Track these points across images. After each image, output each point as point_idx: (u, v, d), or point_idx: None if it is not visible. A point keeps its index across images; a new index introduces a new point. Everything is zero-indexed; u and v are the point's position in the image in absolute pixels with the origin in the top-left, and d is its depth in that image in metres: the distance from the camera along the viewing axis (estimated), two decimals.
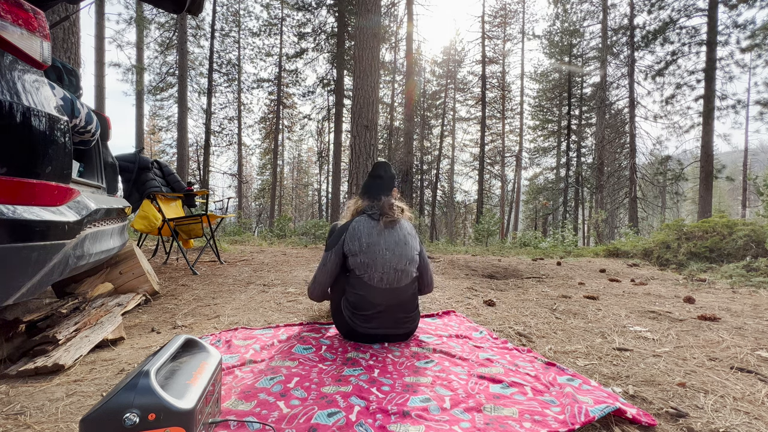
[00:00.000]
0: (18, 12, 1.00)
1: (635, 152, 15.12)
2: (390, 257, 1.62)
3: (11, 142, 0.97)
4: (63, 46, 3.61)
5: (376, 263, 1.60)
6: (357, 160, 5.66)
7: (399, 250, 1.64)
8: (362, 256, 1.61)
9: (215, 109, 19.36)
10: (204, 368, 0.94)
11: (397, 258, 1.62)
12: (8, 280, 0.96)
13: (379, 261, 1.60)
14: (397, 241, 1.66)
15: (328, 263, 1.68)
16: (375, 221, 1.67)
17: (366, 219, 1.69)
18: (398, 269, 1.62)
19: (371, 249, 1.61)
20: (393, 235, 1.66)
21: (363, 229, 1.65)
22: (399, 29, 16.07)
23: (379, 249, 1.61)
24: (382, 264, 1.60)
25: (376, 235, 1.64)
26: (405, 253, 1.65)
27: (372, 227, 1.66)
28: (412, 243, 1.70)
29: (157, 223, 3.40)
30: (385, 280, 1.60)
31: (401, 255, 1.64)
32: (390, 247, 1.63)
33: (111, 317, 1.75)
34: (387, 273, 1.60)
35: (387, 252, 1.62)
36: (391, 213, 1.70)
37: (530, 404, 1.13)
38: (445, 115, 24.25)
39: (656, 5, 13.32)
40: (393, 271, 1.61)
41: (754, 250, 4.62)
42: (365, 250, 1.61)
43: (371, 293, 1.60)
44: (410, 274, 1.66)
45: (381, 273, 1.60)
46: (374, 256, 1.60)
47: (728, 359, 1.55)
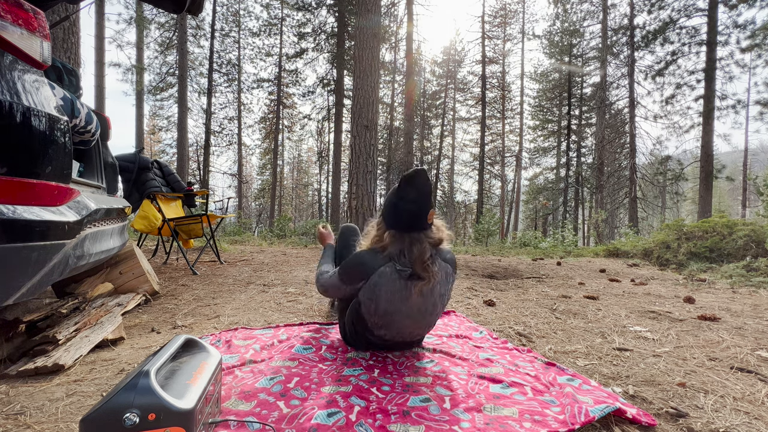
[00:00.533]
0: (18, 12, 1.00)
1: (635, 152, 15.12)
2: (410, 325, 1.39)
3: (11, 142, 0.97)
4: (63, 46, 3.61)
5: (391, 327, 1.38)
6: (357, 160, 5.66)
7: (423, 320, 1.39)
8: (377, 318, 1.37)
9: (215, 109, 19.37)
10: (204, 368, 0.94)
11: (419, 326, 1.41)
12: (8, 280, 0.96)
13: (394, 328, 1.38)
14: (424, 310, 1.36)
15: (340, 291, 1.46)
16: (402, 281, 1.30)
17: (391, 274, 1.30)
18: (415, 333, 1.45)
19: (388, 316, 1.35)
20: (423, 298, 1.33)
21: (383, 293, 1.31)
22: (399, 29, 16.07)
23: (399, 317, 1.35)
24: (398, 329, 1.39)
25: (398, 301, 1.32)
26: (429, 321, 1.42)
27: (395, 291, 1.30)
28: (441, 305, 1.40)
29: (157, 223, 3.40)
30: (398, 338, 1.44)
31: (426, 324, 1.42)
32: (413, 315, 1.36)
33: (111, 317, 1.75)
34: (402, 335, 1.42)
35: (408, 320, 1.37)
36: (426, 273, 1.30)
37: (530, 404, 1.13)
38: (445, 115, 24.26)
39: (656, 5, 13.32)
40: (409, 334, 1.44)
41: (754, 250, 4.62)
42: (381, 315, 1.35)
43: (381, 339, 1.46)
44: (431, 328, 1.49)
45: (395, 335, 1.42)
46: (390, 321, 1.36)
47: (728, 359, 1.55)
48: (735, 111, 12.39)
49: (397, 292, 1.30)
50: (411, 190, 1.30)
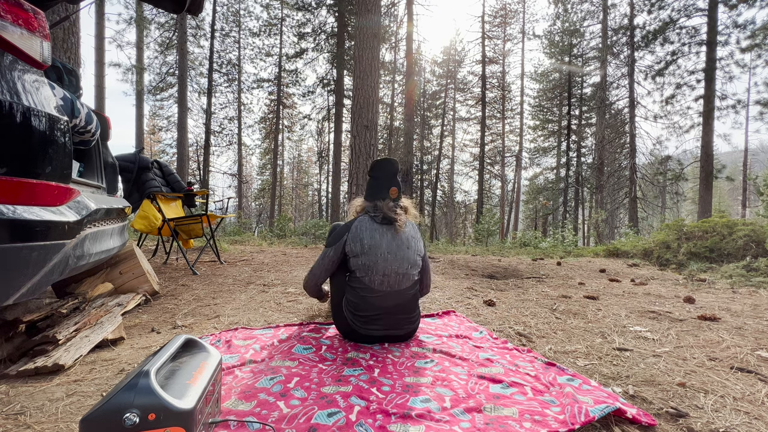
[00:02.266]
0: (18, 12, 1.00)
1: (635, 152, 15.12)
2: (392, 260, 1.59)
3: (11, 142, 0.97)
4: (63, 46, 3.61)
5: (377, 266, 1.58)
6: (357, 160, 5.66)
7: (401, 253, 1.62)
8: (363, 257, 1.59)
9: (215, 109, 19.37)
10: (204, 368, 0.94)
11: (398, 261, 1.60)
12: (8, 280, 0.96)
13: (380, 264, 1.58)
14: (400, 244, 1.63)
15: (326, 259, 1.68)
16: (377, 223, 1.65)
17: (368, 220, 1.67)
18: (399, 272, 1.60)
19: (372, 251, 1.59)
20: (395, 237, 1.64)
21: (365, 230, 1.63)
22: (399, 29, 16.07)
23: (381, 252, 1.59)
24: (383, 267, 1.58)
25: (378, 237, 1.62)
26: (407, 256, 1.63)
27: (374, 229, 1.64)
28: (414, 246, 1.67)
29: (157, 223, 3.40)
30: (386, 283, 1.59)
31: (403, 258, 1.62)
32: (392, 250, 1.61)
33: (111, 317, 1.75)
34: (388, 276, 1.59)
35: (389, 255, 1.60)
36: (392, 215, 1.66)
37: (530, 404, 1.13)
38: (445, 115, 24.26)
39: (656, 5, 13.32)
40: (394, 274, 1.59)
41: (754, 250, 4.62)
42: (366, 251, 1.59)
43: (372, 295, 1.58)
44: (411, 277, 1.64)
45: (382, 276, 1.58)
46: (375, 258, 1.58)
47: (728, 359, 1.55)
48: (735, 111, 12.38)
49: (375, 229, 1.64)
50: (376, 168, 1.76)
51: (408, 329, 1.68)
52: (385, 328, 1.61)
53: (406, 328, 1.67)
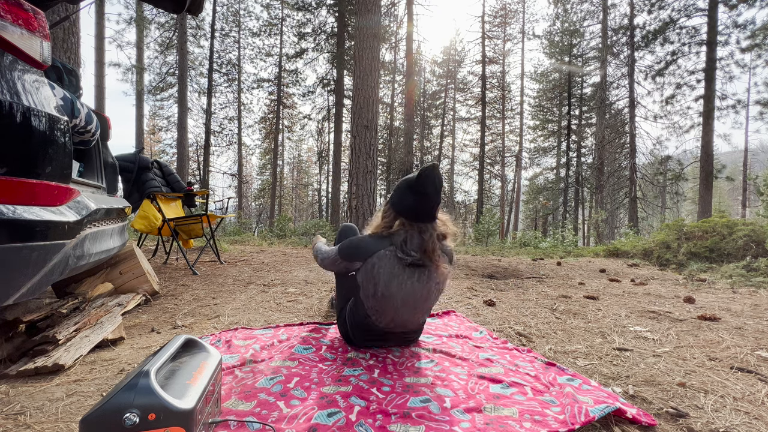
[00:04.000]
0: (18, 12, 1.00)
1: (635, 152, 15.12)
2: (405, 311, 1.42)
3: (11, 142, 0.97)
4: (63, 46, 3.61)
5: (386, 312, 1.41)
6: (357, 160, 5.66)
7: (419, 305, 1.42)
8: (373, 300, 1.41)
9: (215, 109, 19.37)
10: (204, 368, 0.94)
11: (412, 312, 1.43)
12: (8, 280, 0.96)
13: (389, 312, 1.41)
14: (420, 294, 1.39)
15: (336, 263, 1.50)
16: (401, 266, 1.36)
17: (391, 259, 1.36)
18: (412, 321, 1.47)
19: (385, 299, 1.38)
20: (417, 287, 1.37)
21: (382, 274, 1.35)
22: (399, 29, 16.07)
23: (395, 302, 1.38)
24: (393, 315, 1.42)
25: (395, 287, 1.35)
26: (424, 307, 1.45)
27: (394, 275, 1.35)
28: (435, 293, 1.44)
29: (157, 223, 3.40)
30: (392, 325, 1.47)
31: (418, 309, 1.44)
32: (409, 301, 1.39)
33: (111, 317, 1.75)
34: (396, 322, 1.45)
35: (403, 307, 1.40)
36: (430, 262, 1.36)
37: (530, 404, 1.13)
38: (445, 115, 24.26)
39: (656, 5, 13.32)
40: (403, 321, 1.46)
41: (754, 250, 4.62)
42: (378, 297, 1.39)
43: (377, 327, 1.48)
44: (423, 319, 1.53)
45: (390, 320, 1.44)
46: (385, 306, 1.40)
47: (728, 359, 1.55)
48: (735, 111, 12.39)
49: (395, 276, 1.35)
50: (427, 182, 1.35)
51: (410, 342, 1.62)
52: (386, 345, 1.57)
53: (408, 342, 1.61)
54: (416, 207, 1.37)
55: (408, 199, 1.38)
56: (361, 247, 1.42)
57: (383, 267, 1.35)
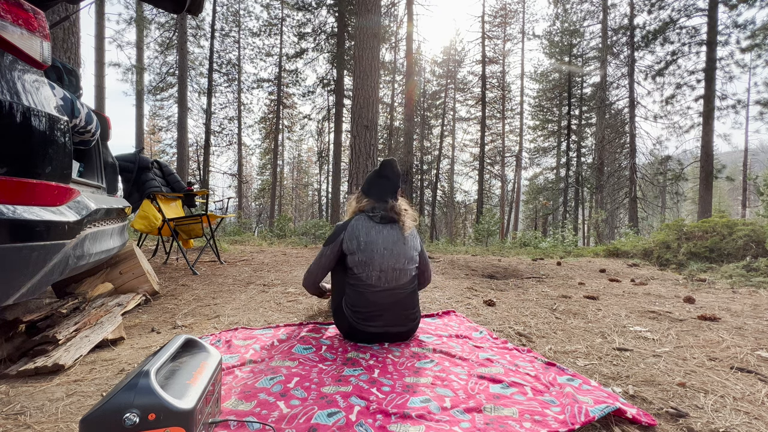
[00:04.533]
0: (18, 12, 1.00)
1: (635, 152, 15.12)
2: (388, 256, 1.61)
3: (11, 142, 0.97)
4: (63, 46, 3.61)
5: (374, 262, 1.59)
6: (357, 160, 5.66)
7: (398, 249, 1.64)
8: (360, 254, 1.60)
9: (215, 109, 19.37)
10: (204, 368, 0.94)
11: (395, 257, 1.62)
12: (8, 280, 0.96)
13: (377, 260, 1.59)
14: (396, 240, 1.65)
15: (323, 258, 1.70)
16: (375, 222, 1.66)
17: (365, 218, 1.68)
18: (397, 268, 1.62)
19: (369, 248, 1.60)
20: (392, 234, 1.65)
21: (361, 228, 1.64)
22: (399, 29, 16.07)
23: (377, 248, 1.61)
24: (380, 263, 1.59)
25: (374, 234, 1.63)
26: (404, 251, 1.65)
27: (371, 227, 1.65)
28: (411, 242, 1.69)
29: (157, 223, 3.40)
30: (383, 279, 1.60)
31: (400, 254, 1.63)
32: (388, 246, 1.62)
33: (111, 317, 1.75)
34: (385, 272, 1.60)
35: (385, 251, 1.61)
36: (398, 215, 1.68)
37: (530, 404, 1.13)
38: (445, 115, 24.26)
39: (656, 5, 13.32)
40: (391, 270, 1.61)
41: (754, 250, 4.62)
42: (363, 248, 1.60)
43: (370, 292, 1.60)
44: (409, 272, 1.66)
45: (379, 272, 1.59)
46: (372, 255, 1.60)
47: (728, 359, 1.55)
48: (735, 111, 12.38)
49: (372, 227, 1.65)
50: (386, 168, 1.74)
51: (408, 326, 1.68)
52: (385, 324, 1.62)
53: (406, 325, 1.67)
54: (380, 187, 1.73)
55: (373, 182, 1.76)
56: (338, 225, 1.72)
57: (360, 223, 1.66)
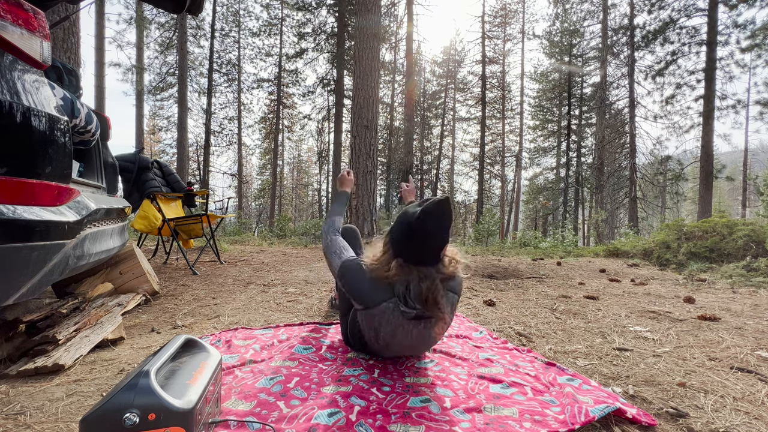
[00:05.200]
0: (18, 12, 1.00)
1: (635, 152, 15.12)
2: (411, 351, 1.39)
3: (11, 142, 0.97)
4: (63, 46, 3.61)
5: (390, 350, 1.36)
6: (357, 160, 5.66)
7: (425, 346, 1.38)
8: (375, 343, 1.33)
9: (215, 109, 19.37)
10: (204, 368, 0.94)
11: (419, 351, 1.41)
12: (8, 280, 0.96)
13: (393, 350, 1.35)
14: (426, 339, 1.29)
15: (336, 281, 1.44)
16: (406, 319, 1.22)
17: (394, 311, 1.21)
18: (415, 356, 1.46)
19: (388, 345, 1.31)
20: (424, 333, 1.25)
21: (384, 324, 1.24)
22: (399, 29, 16.08)
23: (399, 347, 1.33)
24: (396, 352, 1.38)
25: (400, 335, 1.25)
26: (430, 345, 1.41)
27: (398, 325, 1.22)
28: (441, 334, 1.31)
29: (157, 223, 3.40)
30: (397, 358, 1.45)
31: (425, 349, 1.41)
32: (415, 344, 1.31)
33: (111, 317, 1.75)
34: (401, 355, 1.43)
35: (408, 349, 1.36)
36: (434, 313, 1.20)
37: (530, 404, 1.13)
38: (445, 115, 24.26)
39: (656, 5, 13.32)
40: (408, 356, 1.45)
41: (754, 250, 4.62)
42: (381, 343, 1.31)
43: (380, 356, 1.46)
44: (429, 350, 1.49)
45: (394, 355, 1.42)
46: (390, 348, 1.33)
47: (728, 359, 1.55)
48: (735, 111, 12.39)
49: (399, 327, 1.23)
50: (432, 221, 1.16)
51: None
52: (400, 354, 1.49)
53: None
54: (418, 250, 1.20)
55: (408, 238, 1.20)
56: (361, 290, 1.27)
57: (385, 319, 1.22)
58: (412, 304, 1.18)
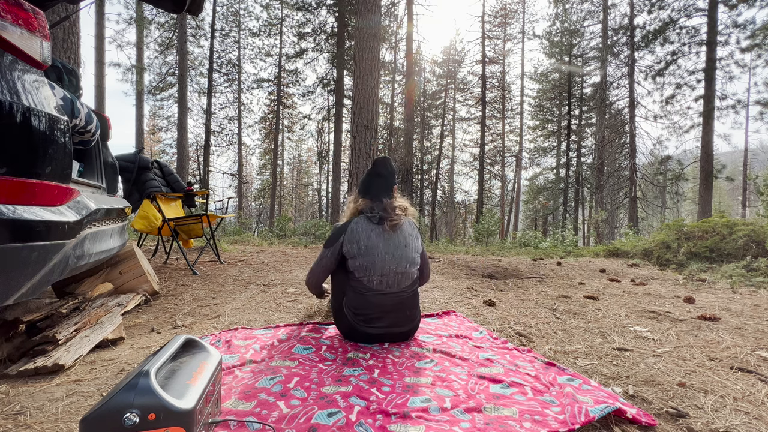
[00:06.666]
0: (18, 12, 1.00)
1: (635, 152, 15.12)
2: (390, 260, 1.59)
3: (11, 142, 0.97)
4: (63, 46, 3.61)
5: (375, 266, 1.58)
6: (357, 160, 5.66)
7: (399, 252, 1.62)
8: (361, 259, 1.58)
9: (215, 109, 19.37)
10: (204, 368, 0.94)
11: (396, 261, 1.60)
12: (8, 280, 0.96)
13: (378, 264, 1.58)
14: (397, 244, 1.63)
15: (324, 260, 1.68)
16: (374, 224, 1.63)
17: (365, 221, 1.64)
18: (398, 272, 1.61)
19: (370, 252, 1.58)
20: (393, 237, 1.62)
21: (361, 231, 1.61)
22: (399, 29, 16.08)
23: (378, 252, 1.59)
24: (381, 267, 1.58)
25: (375, 237, 1.60)
26: (405, 255, 1.63)
27: (371, 229, 1.62)
28: (412, 244, 1.67)
29: (157, 223, 3.40)
30: (384, 283, 1.59)
31: (401, 257, 1.62)
32: (389, 250, 1.60)
33: (111, 317, 1.75)
34: (386, 276, 1.59)
35: (386, 255, 1.59)
36: (392, 216, 1.64)
37: (530, 404, 1.13)
38: (445, 115, 24.25)
39: (656, 5, 13.33)
40: (393, 273, 1.60)
41: (754, 250, 4.62)
42: (363, 253, 1.58)
43: (371, 295, 1.59)
44: (411, 276, 1.65)
45: (380, 276, 1.58)
46: (373, 259, 1.58)
47: (728, 359, 1.55)
48: (735, 111, 12.39)
49: (372, 230, 1.62)
50: (378, 166, 1.73)
51: (409, 326, 1.68)
52: (386, 326, 1.62)
53: (407, 326, 1.67)
54: (375, 186, 1.71)
55: (368, 181, 1.73)
56: (337, 227, 1.68)
57: (360, 226, 1.62)
58: (375, 213, 1.64)
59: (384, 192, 1.70)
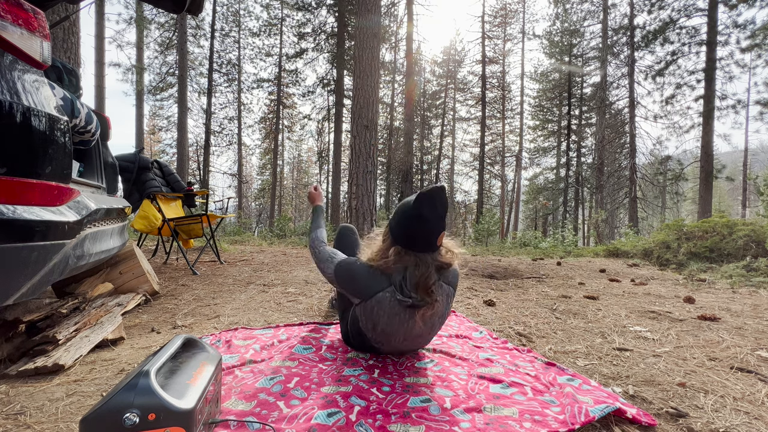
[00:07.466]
0: (18, 12, 1.00)
1: (635, 152, 15.12)
2: (408, 344, 1.39)
3: (11, 142, 0.97)
4: (63, 46, 3.61)
5: (389, 344, 1.38)
6: (357, 160, 5.66)
7: (422, 340, 1.39)
8: (374, 334, 1.36)
9: (215, 109, 19.37)
10: (204, 368, 0.94)
11: (416, 345, 1.42)
12: (8, 280, 0.96)
13: (392, 344, 1.38)
14: (423, 332, 1.33)
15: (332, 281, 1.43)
16: (402, 308, 1.26)
17: (390, 300, 1.25)
18: (414, 350, 1.48)
19: (387, 336, 1.34)
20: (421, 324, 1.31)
21: (383, 315, 1.28)
22: (399, 29, 16.08)
23: (397, 338, 1.34)
24: (396, 345, 1.39)
25: (397, 324, 1.29)
26: (428, 340, 1.42)
27: (395, 314, 1.27)
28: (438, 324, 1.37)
29: (157, 223, 3.40)
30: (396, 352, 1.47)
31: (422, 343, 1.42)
32: (411, 337, 1.34)
33: (111, 317, 1.75)
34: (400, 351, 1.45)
35: (405, 341, 1.36)
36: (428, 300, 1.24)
37: (530, 404, 1.13)
38: (445, 115, 24.25)
39: (656, 5, 13.33)
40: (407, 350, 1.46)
41: (754, 250, 4.62)
42: (380, 333, 1.34)
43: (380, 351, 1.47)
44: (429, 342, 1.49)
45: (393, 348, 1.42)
46: (389, 340, 1.36)
47: (728, 359, 1.55)
48: (735, 111, 12.39)
49: (396, 315, 1.27)
50: (427, 208, 1.21)
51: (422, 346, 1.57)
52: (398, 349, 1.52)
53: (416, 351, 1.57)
54: (414, 235, 1.25)
55: (405, 225, 1.25)
56: (359, 284, 1.31)
57: (383, 309, 1.27)
58: (407, 292, 1.24)
59: (428, 244, 1.26)
